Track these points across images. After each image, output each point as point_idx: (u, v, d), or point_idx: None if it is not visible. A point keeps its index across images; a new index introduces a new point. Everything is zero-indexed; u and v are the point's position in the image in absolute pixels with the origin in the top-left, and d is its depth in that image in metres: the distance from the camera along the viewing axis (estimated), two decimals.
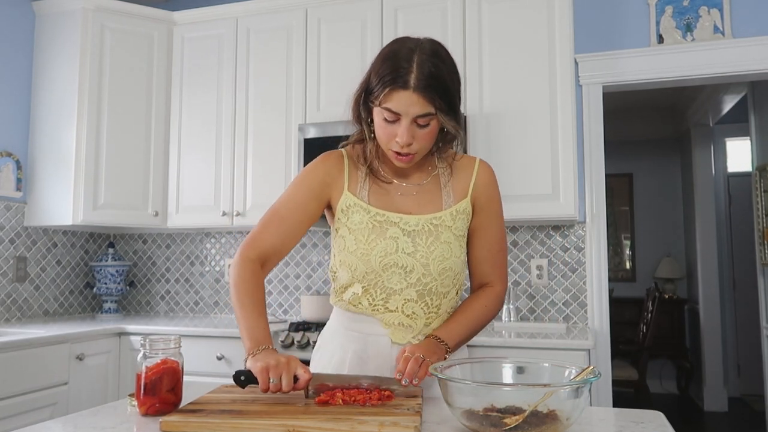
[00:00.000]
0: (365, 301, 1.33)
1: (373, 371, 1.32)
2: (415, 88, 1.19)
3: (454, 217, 1.34)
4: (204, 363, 2.65)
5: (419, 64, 1.20)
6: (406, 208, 1.34)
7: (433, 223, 1.32)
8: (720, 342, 5.15)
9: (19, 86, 3.10)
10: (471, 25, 2.74)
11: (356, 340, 1.35)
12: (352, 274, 1.32)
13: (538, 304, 2.90)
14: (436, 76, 1.20)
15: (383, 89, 1.22)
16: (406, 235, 1.31)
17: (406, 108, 1.21)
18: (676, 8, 2.84)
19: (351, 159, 1.39)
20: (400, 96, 1.20)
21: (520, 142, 2.63)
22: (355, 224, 1.33)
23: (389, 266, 1.30)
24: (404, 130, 1.22)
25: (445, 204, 1.36)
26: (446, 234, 1.32)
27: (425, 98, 1.20)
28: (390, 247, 1.30)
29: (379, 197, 1.35)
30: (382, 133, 1.27)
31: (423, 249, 1.31)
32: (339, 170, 1.38)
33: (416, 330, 1.33)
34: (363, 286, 1.32)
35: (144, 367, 1.09)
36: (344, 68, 2.89)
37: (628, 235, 6.26)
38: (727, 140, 5.62)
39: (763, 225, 3.81)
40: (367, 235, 1.31)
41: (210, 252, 3.46)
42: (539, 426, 0.91)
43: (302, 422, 0.99)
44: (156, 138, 3.17)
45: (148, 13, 3.18)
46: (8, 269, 3.02)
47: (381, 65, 1.24)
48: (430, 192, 1.37)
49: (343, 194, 1.35)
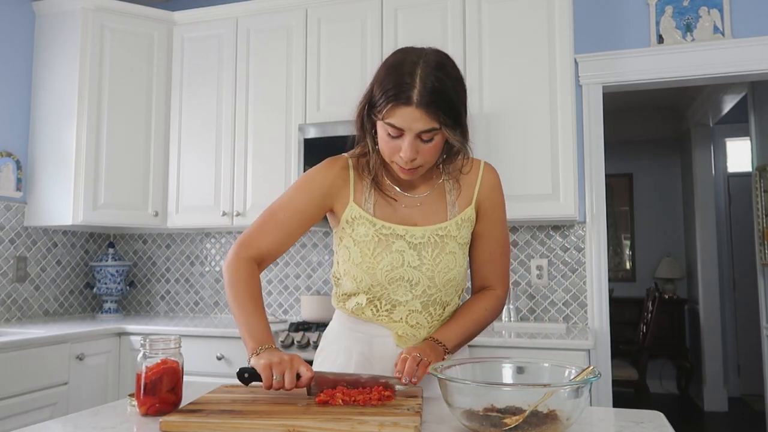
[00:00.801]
0: (369, 312, 1.34)
1: (379, 372, 1.32)
2: (418, 104, 1.16)
3: (459, 226, 1.34)
4: (204, 363, 2.65)
5: (422, 79, 1.16)
6: (411, 220, 1.33)
7: (439, 234, 1.32)
8: (720, 342, 5.15)
9: (19, 86, 3.10)
10: (471, 25, 2.74)
11: (361, 342, 1.36)
12: (357, 285, 1.32)
13: (538, 305, 2.90)
14: (440, 90, 1.17)
15: (386, 104, 1.18)
16: (411, 248, 1.30)
17: (409, 124, 1.18)
18: (676, 8, 2.84)
19: (356, 168, 1.36)
20: (404, 112, 1.17)
21: (520, 142, 2.63)
22: (360, 236, 1.31)
23: (395, 280, 1.30)
24: (408, 146, 1.20)
25: (450, 213, 1.34)
26: (451, 244, 1.32)
27: (428, 114, 1.16)
28: (396, 261, 1.29)
29: (384, 209, 1.33)
30: (386, 147, 1.25)
31: (429, 262, 1.31)
32: (344, 180, 1.35)
33: (419, 339, 1.34)
34: (368, 297, 1.32)
35: (144, 367, 1.09)
36: (344, 68, 2.89)
37: (628, 235, 6.25)
38: (727, 140, 5.62)
39: (763, 225, 3.81)
40: (373, 249, 1.30)
41: (210, 252, 3.46)
42: (539, 426, 0.91)
43: (302, 422, 0.99)
44: (156, 138, 3.17)
45: (148, 13, 3.18)
46: (8, 269, 3.02)
47: (384, 78, 1.21)
48: (435, 202, 1.35)
49: (348, 205, 1.34)
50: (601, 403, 2.63)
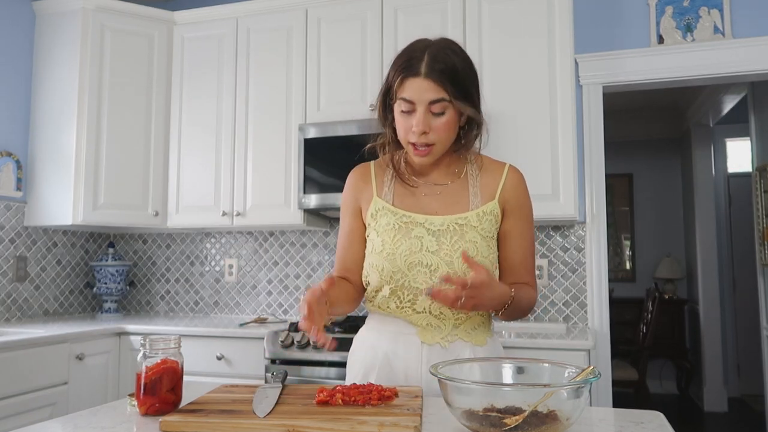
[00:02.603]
0: (393, 304, 1.35)
1: (402, 370, 1.33)
2: (426, 74, 1.24)
3: (480, 218, 1.34)
4: (204, 363, 2.65)
5: (430, 53, 1.26)
6: (431, 209, 1.36)
7: (459, 223, 1.33)
8: (720, 342, 5.15)
9: (19, 86, 3.10)
10: (471, 25, 2.74)
11: (387, 340, 1.36)
12: (380, 275, 1.34)
13: (538, 304, 2.90)
14: (447, 62, 1.25)
15: (397, 78, 1.27)
16: (430, 234, 1.32)
17: (419, 95, 1.25)
18: (676, 8, 2.84)
19: (378, 166, 1.45)
20: (413, 83, 1.25)
21: (521, 142, 2.63)
22: (382, 227, 1.36)
23: (414, 265, 1.31)
24: (420, 117, 1.26)
25: (472, 205, 1.36)
26: (472, 233, 1.32)
27: (437, 83, 1.24)
28: (414, 246, 1.32)
29: (404, 199, 1.39)
30: (401, 127, 1.31)
31: (447, 247, 1.31)
32: (366, 181, 1.44)
33: (445, 331, 1.33)
34: (390, 287, 1.33)
35: (144, 366, 1.09)
36: (344, 68, 2.89)
37: (628, 235, 6.25)
38: (727, 140, 5.62)
39: (763, 225, 3.81)
40: (393, 236, 1.33)
41: (210, 252, 3.46)
42: (539, 426, 0.91)
43: (302, 422, 0.99)
44: (156, 138, 3.17)
45: (148, 13, 3.18)
46: (8, 269, 3.02)
47: (396, 61, 1.31)
48: (457, 193, 1.38)
49: (372, 200, 1.40)
50: (601, 403, 2.63)
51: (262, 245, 3.36)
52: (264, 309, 3.32)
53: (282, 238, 3.33)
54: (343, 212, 1.47)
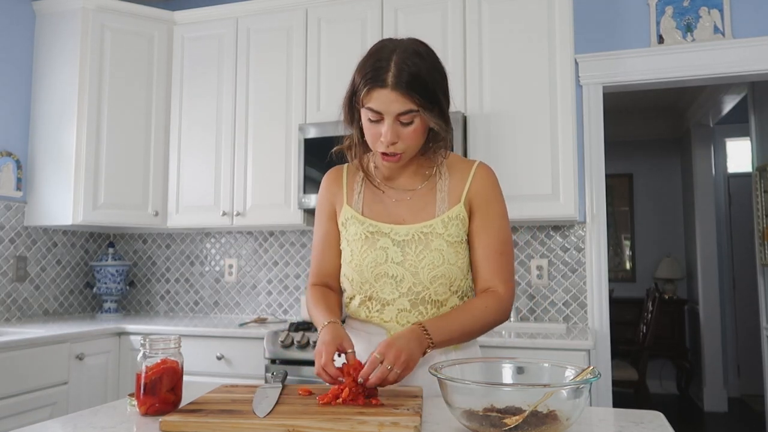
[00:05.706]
0: (363, 313, 1.37)
1: None
2: (393, 86, 1.20)
3: (446, 224, 1.32)
4: (204, 363, 2.65)
5: (397, 63, 1.21)
6: (399, 217, 1.35)
7: (423, 232, 1.32)
8: (720, 342, 5.14)
9: (19, 86, 3.10)
10: (471, 25, 2.74)
11: (363, 340, 1.36)
12: (351, 285, 1.37)
13: (538, 305, 2.90)
14: (414, 73, 1.21)
15: (363, 88, 1.24)
16: (395, 245, 1.32)
17: (386, 106, 1.22)
18: (676, 9, 2.84)
19: (350, 171, 1.44)
20: (380, 94, 1.22)
21: (520, 142, 2.63)
22: (351, 236, 1.37)
23: (380, 276, 1.32)
24: (387, 128, 1.24)
25: (438, 210, 1.34)
26: (437, 241, 1.31)
27: (404, 95, 1.20)
28: (380, 257, 1.32)
29: (373, 206, 1.38)
30: (369, 134, 1.29)
31: (412, 257, 1.31)
32: (338, 186, 1.43)
33: None
34: (360, 297, 1.36)
35: (144, 366, 1.09)
36: (344, 68, 2.88)
37: (628, 235, 6.25)
38: (727, 140, 5.62)
39: (763, 225, 3.81)
40: (360, 246, 1.34)
41: (210, 252, 3.46)
42: (539, 426, 0.91)
43: (302, 422, 0.99)
44: (156, 137, 3.17)
45: (148, 13, 3.18)
46: (8, 269, 3.02)
47: (363, 65, 1.27)
48: (424, 198, 1.36)
49: (343, 208, 1.40)
50: (601, 403, 2.63)
51: (262, 245, 3.36)
52: (264, 309, 3.32)
53: (282, 238, 3.33)
54: (318, 215, 1.46)
